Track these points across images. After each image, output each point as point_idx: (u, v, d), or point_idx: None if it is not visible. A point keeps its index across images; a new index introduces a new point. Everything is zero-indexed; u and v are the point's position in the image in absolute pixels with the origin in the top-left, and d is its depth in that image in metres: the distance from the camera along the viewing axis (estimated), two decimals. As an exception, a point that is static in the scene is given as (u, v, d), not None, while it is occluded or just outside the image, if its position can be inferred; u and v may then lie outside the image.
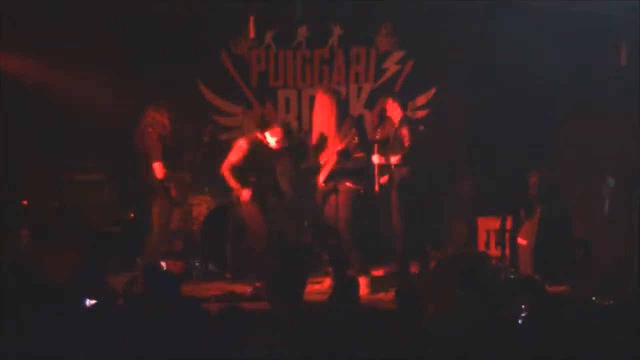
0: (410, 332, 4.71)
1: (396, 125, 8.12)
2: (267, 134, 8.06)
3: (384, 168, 8.07)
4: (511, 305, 5.27)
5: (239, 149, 7.98)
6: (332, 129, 7.78)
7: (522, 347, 4.80)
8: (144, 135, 7.86)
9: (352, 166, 7.81)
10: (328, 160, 7.76)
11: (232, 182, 7.95)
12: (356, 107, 9.87)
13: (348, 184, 7.88)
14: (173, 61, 9.66)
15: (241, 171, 7.94)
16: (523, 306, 5.29)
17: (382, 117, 8.29)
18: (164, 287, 5.56)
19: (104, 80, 9.68)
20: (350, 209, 7.90)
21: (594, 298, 7.36)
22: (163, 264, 7.57)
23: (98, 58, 9.61)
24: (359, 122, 8.19)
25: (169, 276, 6.06)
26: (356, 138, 7.68)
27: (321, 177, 7.80)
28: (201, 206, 9.01)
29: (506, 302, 5.29)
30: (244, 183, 7.91)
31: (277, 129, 8.09)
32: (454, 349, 4.56)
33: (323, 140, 7.77)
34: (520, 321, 5.22)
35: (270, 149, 8.02)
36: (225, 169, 7.97)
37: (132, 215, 8.88)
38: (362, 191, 8.05)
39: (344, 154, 7.68)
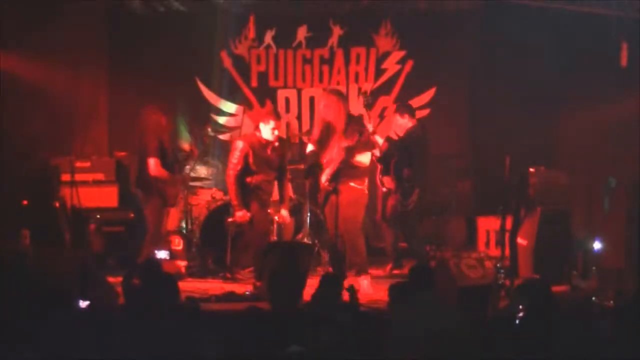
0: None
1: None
2: (260, 126, 8.01)
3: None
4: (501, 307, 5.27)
5: (237, 149, 7.95)
6: (339, 128, 7.78)
7: (522, 347, 4.80)
8: (142, 133, 7.88)
9: (356, 166, 7.83)
10: (332, 159, 7.76)
11: (233, 196, 7.92)
12: (356, 107, 9.85)
13: (351, 183, 7.88)
14: (173, 61, 9.67)
15: (244, 175, 7.92)
16: (521, 307, 5.29)
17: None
18: (161, 280, 5.58)
19: (104, 80, 9.71)
20: (355, 210, 7.91)
21: (594, 298, 7.36)
22: (161, 255, 7.55)
23: (98, 58, 9.64)
24: (362, 122, 8.21)
25: (166, 273, 6.08)
26: (364, 138, 7.72)
27: (324, 177, 7.80)
28: (201, 206, 9.01)
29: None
30: (243, 200, 7.90)
31: (269, 117, 7.96)
32: (451, 348, 4.55)
33: (328, 140, 7.75)
34: (517, 321, 5.21)
35: (268, 146, 7.99)
36: (230, 176, 7.93)
37: (132, 215, 8.86)
38: (365, 191, 8.06)
39: (349, 154, 7.69)
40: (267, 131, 7.92)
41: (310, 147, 7.93)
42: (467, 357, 4.57)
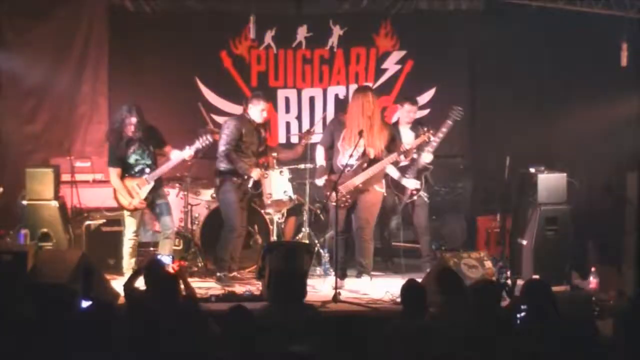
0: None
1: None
2: (250, 107, 8.07)
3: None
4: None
5: (228, 127, 7.99)
6: (382, 129, 7.84)
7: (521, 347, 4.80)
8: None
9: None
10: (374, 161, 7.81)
11: (238, 165, 7.93)
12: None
13: (376, 186, 7.92)
14: (173, 61, 9.66)
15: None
16: (522, 306, 5.30)
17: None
18: (165, 282, 5.59)
19: (104, 80, 9.70)
20: (375, 212, 7.95)
21: (594, 298, 7.36)
22: (164, 259, 7.54)
23: (98, 58, 9.64)
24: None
25: (169, 274, 6.09)
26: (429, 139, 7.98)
27: (361, 178, 7.81)
28: (201, 206, 9.01)
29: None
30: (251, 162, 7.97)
31: (259, 99, 8.08)
32: (451, 348, 4.55)
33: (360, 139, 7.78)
34: (519, 321, 5.22)
35: (256, 127, 8.01)
36: (224, 151, 7.94)
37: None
38: (385, 194, 8.08)
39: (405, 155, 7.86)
40: (256, 112, 8.00)
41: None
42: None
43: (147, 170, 8.04)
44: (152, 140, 8.09)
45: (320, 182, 8.18)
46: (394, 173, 8.41)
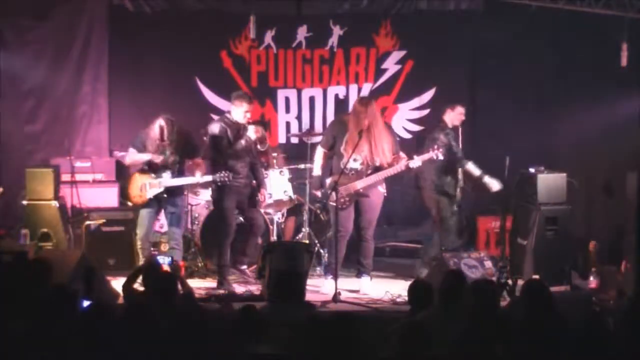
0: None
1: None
2: (232, 109, 8.02)
3: None
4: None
5: (215, 131, 7.94)
6: (389, 136, 7.85)
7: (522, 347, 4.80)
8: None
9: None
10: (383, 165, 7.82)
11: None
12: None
13: (379, 187, 7.93)
14: (173, 61, 9.66)
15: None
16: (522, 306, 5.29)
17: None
18: (163, 282, 5.59)
19: (104, 80, 9.70)
20: (377, 212, 7.97)
21: (593, 298, 7.37)
22: (163, 260, 7.54)
23: (98, 58, 9.64)
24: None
25: (167, 274, 6.09)
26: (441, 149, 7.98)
27: (362, 183, 7.81)
28: (201, 206, 9.00)
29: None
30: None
31: (242, 101, 8.00)
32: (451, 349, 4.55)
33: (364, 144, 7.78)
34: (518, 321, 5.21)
35: (240, 128, 8.00)
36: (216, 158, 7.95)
37: (132, 215, 8.85)
38: (386, 195, 8.09)
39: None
40: (239, 114, 7.95)
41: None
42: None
43: (163, 175, 8.01)
44: (183, 150, 8.05)
45: (318, 193, 8.19)
46: (475, 171, 8.42)
